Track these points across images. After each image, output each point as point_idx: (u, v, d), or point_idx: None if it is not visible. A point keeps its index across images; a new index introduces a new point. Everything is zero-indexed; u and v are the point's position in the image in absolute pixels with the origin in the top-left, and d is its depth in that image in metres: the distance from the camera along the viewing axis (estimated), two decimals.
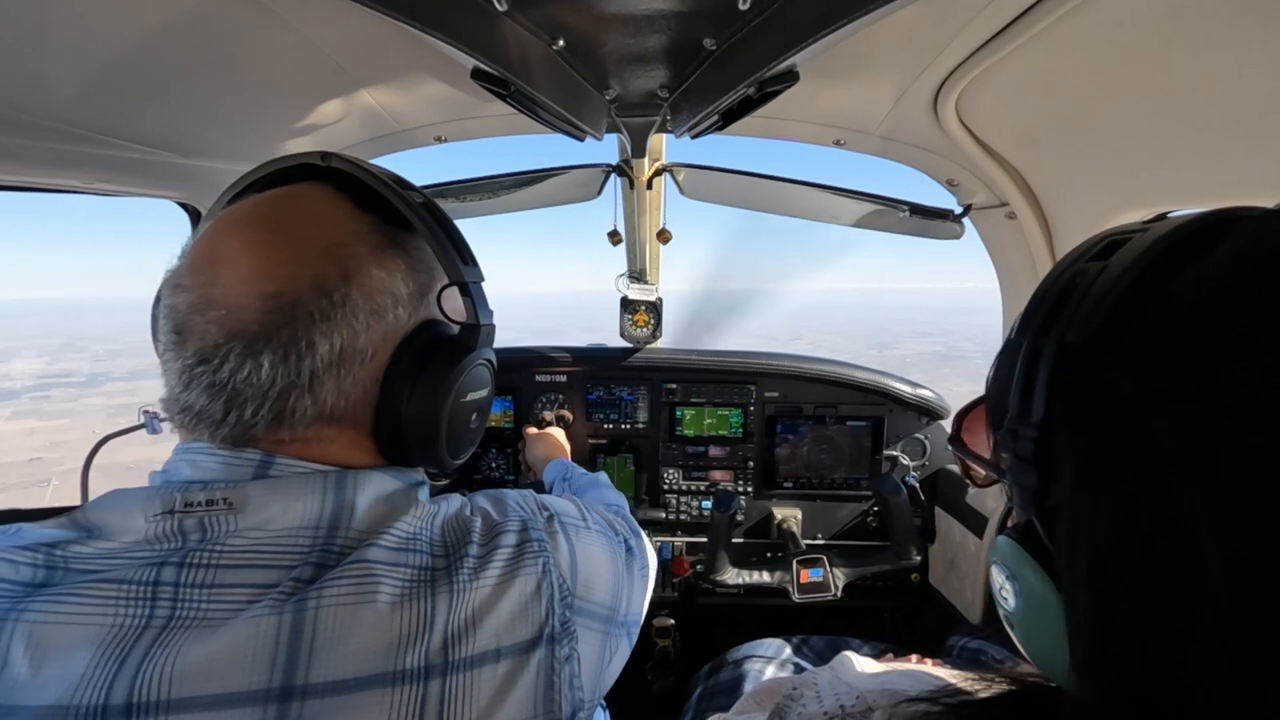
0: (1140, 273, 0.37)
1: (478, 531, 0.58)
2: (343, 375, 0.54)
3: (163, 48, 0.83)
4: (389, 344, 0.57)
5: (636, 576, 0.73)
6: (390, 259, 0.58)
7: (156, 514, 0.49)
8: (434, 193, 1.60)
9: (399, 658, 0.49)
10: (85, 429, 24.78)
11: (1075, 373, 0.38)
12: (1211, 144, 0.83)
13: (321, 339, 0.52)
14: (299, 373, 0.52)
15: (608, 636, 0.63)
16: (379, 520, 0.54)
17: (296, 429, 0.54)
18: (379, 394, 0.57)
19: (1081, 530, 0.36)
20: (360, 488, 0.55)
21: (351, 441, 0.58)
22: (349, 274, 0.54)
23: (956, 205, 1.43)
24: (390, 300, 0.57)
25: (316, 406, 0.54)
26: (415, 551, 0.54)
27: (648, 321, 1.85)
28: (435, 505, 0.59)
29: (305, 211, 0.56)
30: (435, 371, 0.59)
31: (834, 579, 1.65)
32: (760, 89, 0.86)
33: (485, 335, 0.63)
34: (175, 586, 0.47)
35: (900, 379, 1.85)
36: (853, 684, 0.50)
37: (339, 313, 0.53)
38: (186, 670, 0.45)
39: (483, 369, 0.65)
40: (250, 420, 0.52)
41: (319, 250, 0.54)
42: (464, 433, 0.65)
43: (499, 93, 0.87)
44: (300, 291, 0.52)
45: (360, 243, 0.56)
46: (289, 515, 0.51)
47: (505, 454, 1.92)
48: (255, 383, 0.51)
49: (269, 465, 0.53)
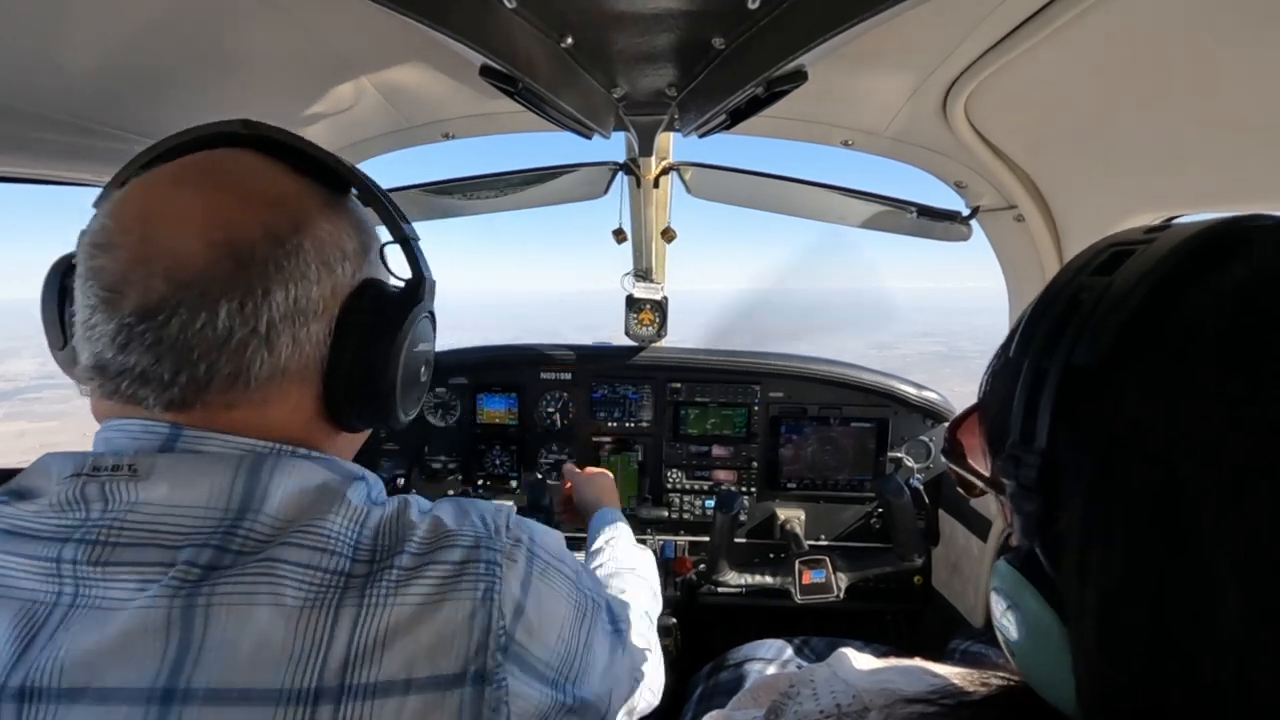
0: (1151, 289, 0.34)
1: (417, 540, 0.52)
2: (297, 328, 0.52)
3: (173, 42, 0.83)
4: (337, 299, 0.56)
5: (617, 659, 0.66)
6: (335, 215, 0.57)
7: (67, 475, 0.47)
8: (441, 189, 1.60)
9: (291, 674, 0.44)
10: (76, 431, 25.01)
11: (1083, 397, 0.36)
12: (1221, 148, 0.82)
13: (277, 288, 0.50)
14: (257, 323, 0.50)
15: (551, 707, 0.55)
16: (297, 514, 0.50)
17: (251, 387, 0.51)
18: (330, 348, 0.55)
19: (1092, 562, 0.34)
20: (278, 473, 0.50)
21: (297, 403, 0.55)
22: (300, 225, 0.53)
23: (964, 207, 1.43)
24: (339, 254, 0.56)
25: (272, 360, 0.51)
26: (332, 554, 0.49)
27: (653, 320, 1.85)
28: (371, 504, 0.54)
29: (246, 167, 0.54)
30: (386, 322, 0.58)
31: (836, 580, 1.64)
32: (768, 89, 0.86)
33: (429, 289, 0.63)
34: (74, 564, 0.45)
35: (905, 381, 1.85)
36: (850, 682, 0.49)
37: (292, 262, 0.51)
38: (79, 659, 0.43)
39: (428, 322, 0.64)
40: (204, 378, 0.49)
41: (266, 201, 0.52)
42: (414, 385, 0.63)
43: (507, 90, 0.87)
44: (253, 239, 0.50)
45: (305, 199, 0.55)
46: (195, 491, 0.48)
47: (510, 451, 1.92)
48: (210, 336, 0.48)
49: (176, 439, 0.49)
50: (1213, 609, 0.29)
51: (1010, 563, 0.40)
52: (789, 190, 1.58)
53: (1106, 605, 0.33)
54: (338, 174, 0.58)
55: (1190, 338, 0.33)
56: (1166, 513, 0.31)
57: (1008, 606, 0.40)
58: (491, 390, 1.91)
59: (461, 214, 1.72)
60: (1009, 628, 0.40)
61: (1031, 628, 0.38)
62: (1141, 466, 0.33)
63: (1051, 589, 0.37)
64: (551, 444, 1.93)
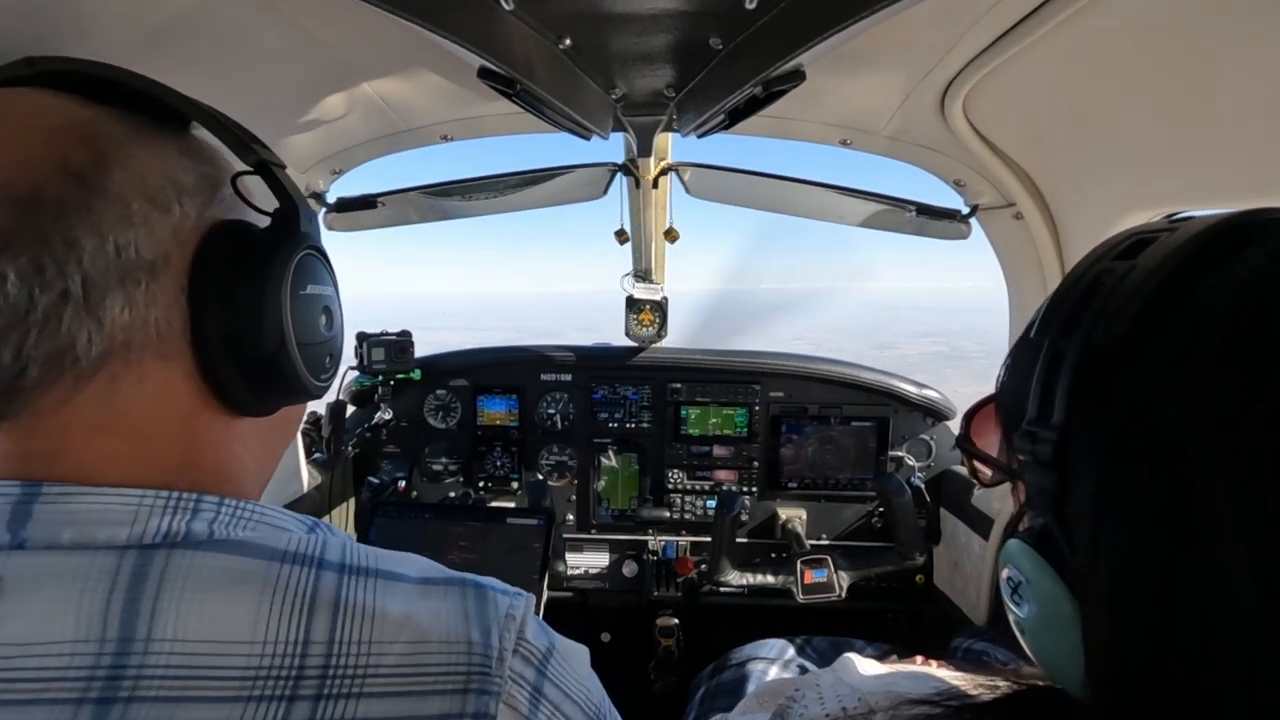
0: (1170, 273, 0.35)
1: (389, 666, 0.40)
2: (130, 287, 0.40)
3: (169, 44, 0.83)
4: (185, 247, 0.43)
5: None
6: (153, 141, 0.44)
7: None
8: (440, 191, 1.60)
9: None
10: None
11: (1100, 376, 0.37)
12: (1221, 145, 0.82)
13: (86, 235, 0.38)
14: (67, 282, 0.37)
15: None
16: (202, 633, 0.37)
17: (84, 372, 0.39)
18: (189, 309, 0.43)
19: (1103, 539, 0.35)
20: (171, 575, 0.38)
21: (162, 387, 0.43)
22: (103, 154, 0.41)
23: (963, 205, 1.43)
24: (171, 188, 0.43)
25: (103, 333, 0.39)
26: (263, 699, 0.37)
27: (653, 320, 1.85)
28: (308, 582, 0.40)
29: (24, 100, 0.42)
30: (256, 264, 0.45)
31: (838, 580, 1.64)
32: (767, 88, 0.86)
33: (307, 219, 0.50)
34: None
35: (906, 379, 1.85)
36: (855, 686, 0.50)
37: (100, 201, 0.39)
38: None
39: (314, 260, 0.51)
40: (12, 367, 0.37)
41: (50, 131, 0.40)
42: (317, 338, 0.50)
43: (505, 91, 0.87)
44: (37, 177, 0.38)
45: (109, 124, 0.43)
46: (53, 624, 0.36)
47: (510, 452, 1.92)
48: (2, 306, 0.36)
49: (28, 513, 0.37)
50: (1220, 587, 0.29)
51: (1023, 539, 0.41)
52: (788, 190, 1.58)
53: (1116, 582, 0.34)
54: (153, 97, 0.45)
55: (1206, 319, 0.33)
56: (1177, 491, 0.32)
57: (1019, 584, 0.41)
58: (492, 392, 1.92)
59: (460, 216, 1.72)
60: (1020, 605, 0.41)
61: (1043, 604, 0.39)
62: (1153, 444, 0.33)
63: (1063, 565, 0.38)
64: (552, 445, 1.93)
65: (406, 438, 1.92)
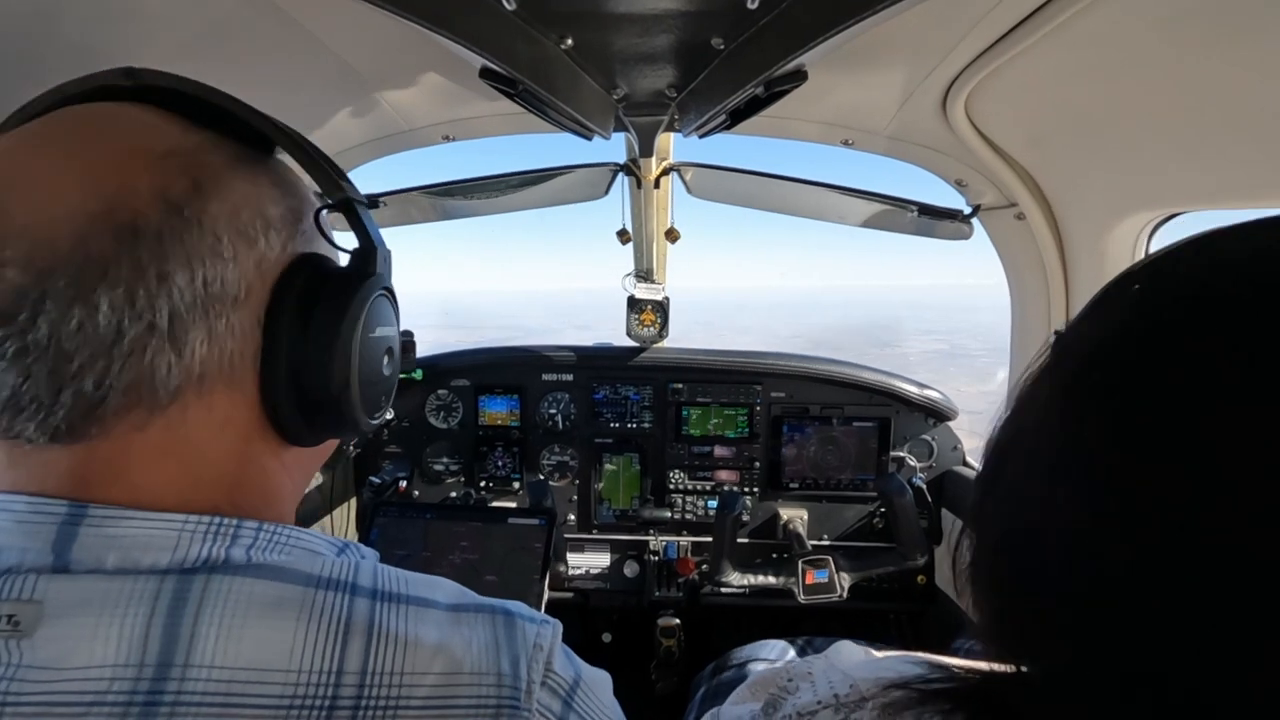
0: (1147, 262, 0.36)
1: (422, 696, 0.40)
2: (213, 319, 0.40)
3: (171, 44, 0.84)
4: (266, 280, 0.44)
5: None
6: (251, 172, 0.45)
7: None
8: (442, 191, 1.60)
9: None
10: None
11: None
12: (1222, 146, 0.82)
13: (179, 269, 0.38)
14: (155, 315, 0.38)
15: None
16: (239, 660, 0.37)
17: (161, 401, 0.40)
18: (263, 342, 0.44)
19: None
20: (209, 599, 0.38)
21: (227, 415, 0.43)
22: (202, 184, 0.41)
23: (965, 205, 1.43)
24: (260, 221, 0.44)
25: (182, 364, 0.39)
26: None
27: (654, 320, 1.85)
28: (343, 608, 0.41)
29: (128, 119, 0.42)
30: (332, 303, 0.46)
31: (839, 580, 1.64)
32: (768, 88, 0.86)
33: (383, 260, 0.51)
34: None
35: (907, 379, 1.85)
36: (848, 672, 0.49)
37: (196, 233, 0.39)
38: None
39: (385, 301, 0.52)
40: (94, 395, 0.37)
41: (155, 156, 0.40)
42: (378, 379, 0.51)
43: (507, 92, 0.87)
44: (138, 206, 0.38)
45: (209, 152, 0.43)
46: (94, 648, 0.35)
47: (512, 452, 1.92)
48: (92, 337, 0.36)
49: (74, 533, 0.37)
50: (1219, 587, 0.29)
51: None
52: (789, 190, 1.58)
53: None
54: (251, 125, 0.46)
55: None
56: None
57: None
58: (493, 392, 1.92)
59: (462, 216, 1.72)
60: None
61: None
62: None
63: None
64: (554, 445, 1.93)
65: (408, 438, 1.92)
